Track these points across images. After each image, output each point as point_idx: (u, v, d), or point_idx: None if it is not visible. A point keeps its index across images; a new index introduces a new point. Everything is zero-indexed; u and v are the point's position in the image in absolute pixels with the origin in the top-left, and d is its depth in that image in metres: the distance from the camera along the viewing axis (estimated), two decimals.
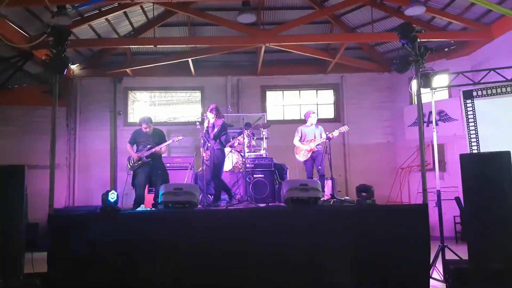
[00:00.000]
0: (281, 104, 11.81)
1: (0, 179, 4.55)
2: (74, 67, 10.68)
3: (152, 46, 9.88)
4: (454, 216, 8.84)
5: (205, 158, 6.85)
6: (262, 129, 8.69)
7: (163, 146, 6.62)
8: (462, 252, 5.57)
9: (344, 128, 7.35)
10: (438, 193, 5.90)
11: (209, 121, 6.81)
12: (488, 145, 6.91)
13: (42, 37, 5.43)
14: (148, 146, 6.54)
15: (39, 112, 10.09)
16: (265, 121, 10.51)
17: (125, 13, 9.26)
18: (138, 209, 6.27)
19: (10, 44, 7.06)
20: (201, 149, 7.23)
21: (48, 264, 4.51)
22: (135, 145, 6.72)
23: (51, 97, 5.13)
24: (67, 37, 4.98)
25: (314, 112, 7.76)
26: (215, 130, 6.74)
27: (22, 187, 4.56)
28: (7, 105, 9.98)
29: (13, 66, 8.64)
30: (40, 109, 10.00)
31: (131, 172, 6.60)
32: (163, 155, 6.94)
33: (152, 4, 8.91)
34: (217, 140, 6.74)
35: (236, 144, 8.12)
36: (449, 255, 5.71)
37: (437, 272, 5.48)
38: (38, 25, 8.31)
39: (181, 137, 6.92)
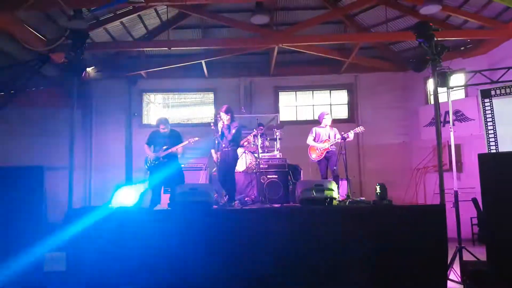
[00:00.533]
0: (294, 105, 11.80)
1: (20, 180, 4.64)
2: (89, 70, 10.80)
3: (166, 48, 9.97)
4: (471, 218, 8.71)
5: (217, 159, 6.88)
6: (275, 130, 8.69)
7: (179, 147, 6.69)
8: (479, 254, 5.50)
9: (360, 129, 7.31)
10: (456, 194, 5.84)
11: (223, 122, 6.79)
12: (507, 145, 6.80)
13: (61, 40, 5.50)
14: (165, 146, 6.62)
15: (55, 114, 10.25)
16: (278, 122, 10.51)
17: (139, 16, 9.35)
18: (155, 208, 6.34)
19: (29, 47, 7.17)
20: (212, 150, 7.27)
21: (67, 263, 4.58)
22: (152, 146, 6.80)
23: (68, 99, 5.19)
24: (85, 40, 5.05)
25: (328, 114, 7.73)
26: (233, 131, 6.72)
27: (41, 188, 4.64)
28: (25, 107, 10.14)
29: (31, 69, 8.78)
30: (57, 111, 10.15)
31: (148, 172, 6.70)
32: (178, 156, 7.00)
33: (166, 7, 8.98)
34: (233, 142, 6.76)
35: (245, 144, 8.12)
36: (467, 257, 5.64)
37: (454, 274, 5.42)
38: (54, 28, 8.42)
39: (197, 138, 6.99)
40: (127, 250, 4.64)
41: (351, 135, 7.15)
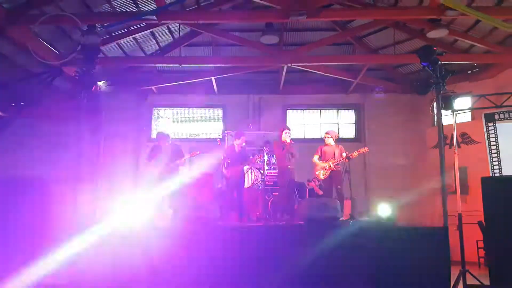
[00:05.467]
0: (302, 123, 11.87)
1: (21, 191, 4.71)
2: (101, 84, 10.97)
3: (177, 64, 10.13)
4: (477, 241, 8.61)
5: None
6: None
7: (181, 161, 6.79)
8: (484, 277, 5.45)
9: (364, 150, 7.32)
10: (460, 217, 5.82)
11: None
12: (511, 168, 6.79)
13: (73, 54, 5.65)
14: (167, 160, 6.71)
15: (66, 126, 10.39)
16: None
17: (152, 32, 9.53)
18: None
19: (42, 61, 7.35)
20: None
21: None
22: (153, 161, 6.88)
23: (79, 112, 5.30)
24: (97, 55, 5.18)
25: (328, 135, 7.69)
26: None
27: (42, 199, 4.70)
28: (35, 119, 10.29)
29: (43, 81, 8.97)
30: (67, 123, 10.30)
31: (151, 188, 6.79)
32: (182, 171, 7.10)
33: (178, 24, 9.17)
34: None
35: (258, 161, 8.21)
36: (471, 281, 5.58)
37: None
38: (68, 43, 8.63)
39: (198, 152, 7.11)
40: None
41: (355, 154, 7.16)
